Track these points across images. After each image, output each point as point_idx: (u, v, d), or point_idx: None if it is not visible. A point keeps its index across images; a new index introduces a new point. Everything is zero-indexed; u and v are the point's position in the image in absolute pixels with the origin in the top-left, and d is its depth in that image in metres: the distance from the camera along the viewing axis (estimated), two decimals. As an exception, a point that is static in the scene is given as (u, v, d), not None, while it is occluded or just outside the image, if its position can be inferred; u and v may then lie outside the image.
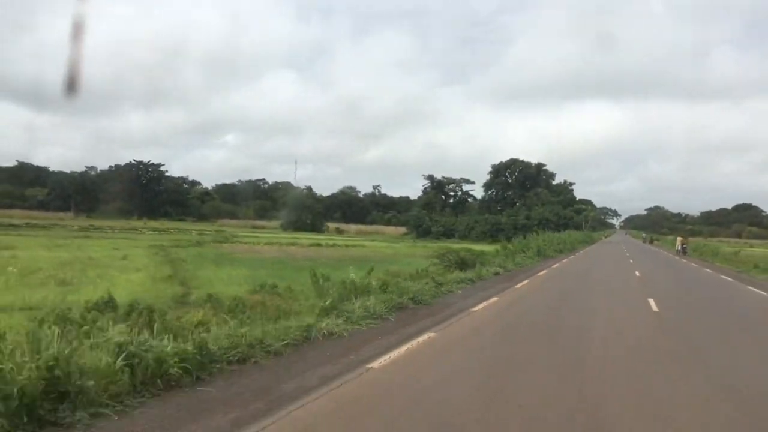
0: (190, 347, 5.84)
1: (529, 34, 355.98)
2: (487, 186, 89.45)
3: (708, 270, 29.21)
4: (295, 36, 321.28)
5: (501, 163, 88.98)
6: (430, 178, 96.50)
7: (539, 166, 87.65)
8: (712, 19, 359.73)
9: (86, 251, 25.45)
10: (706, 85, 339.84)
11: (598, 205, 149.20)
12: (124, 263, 21.35)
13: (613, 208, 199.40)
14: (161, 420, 4.63)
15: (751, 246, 62.05)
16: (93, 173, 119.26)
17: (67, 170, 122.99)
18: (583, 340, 8.81)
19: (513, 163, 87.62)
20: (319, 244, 40.82)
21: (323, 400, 5.23)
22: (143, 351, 5.30)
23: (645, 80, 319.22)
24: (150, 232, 52.26)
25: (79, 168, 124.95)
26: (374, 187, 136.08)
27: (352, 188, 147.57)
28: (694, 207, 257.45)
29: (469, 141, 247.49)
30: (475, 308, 11.80)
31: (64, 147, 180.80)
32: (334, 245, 40.99)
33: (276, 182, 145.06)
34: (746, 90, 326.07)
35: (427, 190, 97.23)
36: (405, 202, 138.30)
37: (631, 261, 33.04)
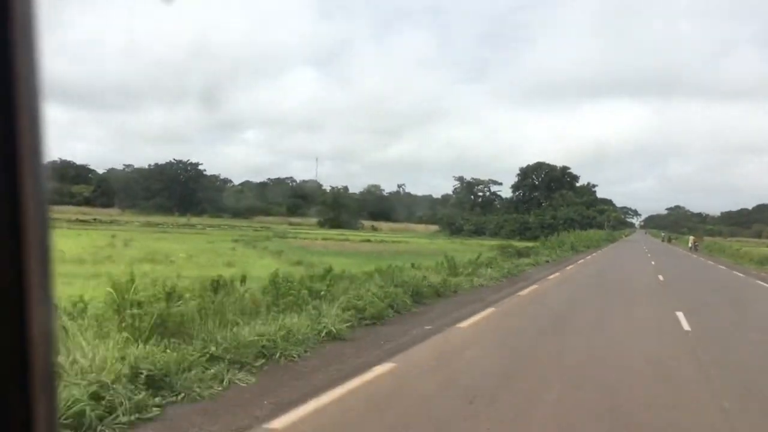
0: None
1: (550, 33, 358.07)
2: (515, 187, 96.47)
3: (710, 262, 36.28)
4: (317, 34, 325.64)
5: (528, 166, 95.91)
6: (461, 179, 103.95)
7: (564, 169, 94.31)
8: (734, 19, 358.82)
9: (191, 243, 31.18)
10: (727, 84, 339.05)
11: (618, 205, 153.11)
12: (240, 252, 26.76)
13: (633, 208, 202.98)
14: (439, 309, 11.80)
15: (768, 245, 67.60)
16: (129, 170, 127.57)
17: (97, 167, 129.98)
18: (620, 281, 15.94)
19: (539, 166, 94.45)
20: (369, 240, 46.77)
21: (497, 307, 12.37)
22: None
23: (666, 79, 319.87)
24: (209, 228, 56.80)
25: (116, 165, 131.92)
26: (399, 186, 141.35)
27: (376, 186, 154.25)
28: (714, 207, 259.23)
29: (489, 139, 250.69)
30: (549, 278, 18.98)
31: (87, 142, 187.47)
32: (382, 241, 46.73)
33: (303, 180, 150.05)
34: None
35: (457, 190, 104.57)
36: (428, 200, 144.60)
37: (649, 255, 39.76)
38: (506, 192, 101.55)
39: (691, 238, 53.06)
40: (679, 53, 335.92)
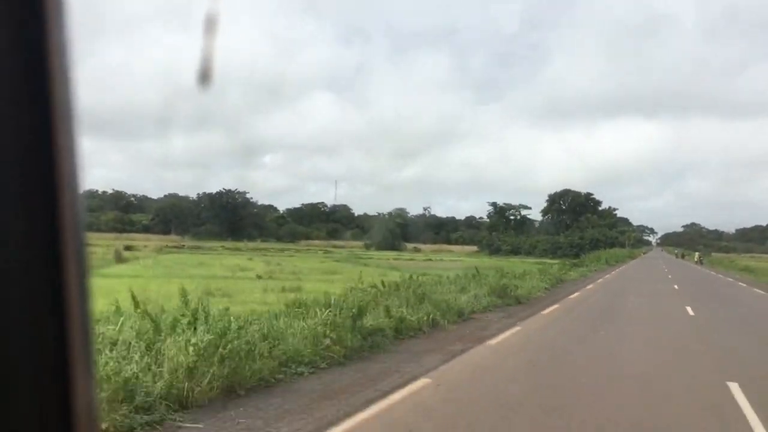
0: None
1: (564, 53, 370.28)
2: (545, 212, 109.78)
3: (710, 271, 49.19)
4: (334, 59, 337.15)
5: (555, 192, 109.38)
6: (494, 204, 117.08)
7: (587, 195, 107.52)
8: (748, 37, 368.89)
9: (309, 262, 41.99)
10: (742, 101, 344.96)
11: (635, 223, 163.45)
12: (360, 269, 39.17)
13: (649, 226, 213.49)
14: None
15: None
16: (178, 199, 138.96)
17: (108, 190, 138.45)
18: (645, 280, 29.13)
19: (566, 192, 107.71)
20: (430, 259, 58.79)
21: (593, 285, 25.75)
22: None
23: (681, 97, 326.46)
24: (284, 252, 67.03)
25: (142, 191, 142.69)
26: (424, 209, 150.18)
27: (402, 209, 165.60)
28: (731, 223, 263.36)
29: (506, 158, 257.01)
30: (603, 278, 32.17)
31: (107, 169, 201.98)
32: (440, 260, 58.36)
33: (334, 205, 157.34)
34: None
35: (491, 214, 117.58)
36: (452, 222, 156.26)
37: (664, 267, 52.59)
38: (534, 215, 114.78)
39: (697, 254, 66.88)
40: (694, 71, 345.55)
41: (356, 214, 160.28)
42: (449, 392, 6.76)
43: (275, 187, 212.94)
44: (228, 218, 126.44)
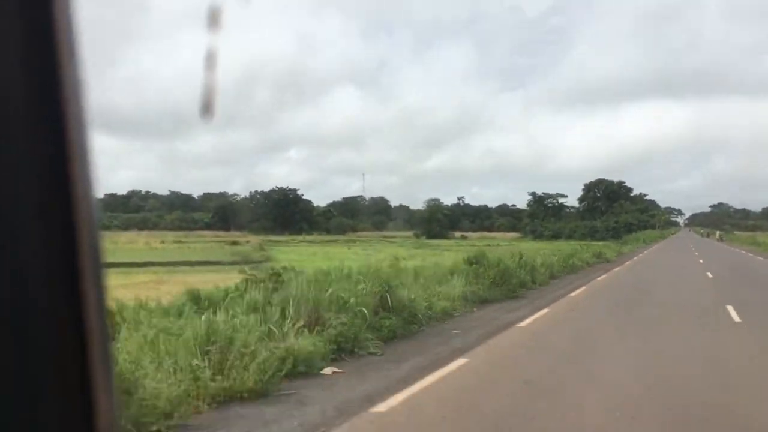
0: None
1: (589, 37, 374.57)
2: (581, 200, 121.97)
3: (727, 246, 61.59)
4: (358, 54, 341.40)
5: (591, 182, 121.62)
6: (533, 194, 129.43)
7: (620, 183, 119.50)
8: None
9: (385, 251, 56.55)
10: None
11: (662, 205, 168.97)
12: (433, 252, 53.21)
13: (677, 208, 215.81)
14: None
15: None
16: (235, 198, 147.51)
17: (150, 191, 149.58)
18: (677, 251, 41.88)
19: (600, 182, 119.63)
20: (488, 245, 70.74)
21: (646, 254, 38.87)
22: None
23: (707, 77, 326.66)
24: (347, 243, 77.00)
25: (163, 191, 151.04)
26: (458, 198, 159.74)
27: (436, 200, 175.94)
28: (757, 202, 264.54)
29: (531, 145, 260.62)
30: (645, 252, 45.04)
31: (138, 170, 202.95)
32: (497, 245, 70.08)
33: (373, 198, 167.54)
34: None
35: (531, 203, 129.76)
36: (485, 210, 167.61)
37: (690, 245, 64.82)
38: (571, 202, 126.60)
39: (718, 232, 79.77)
40: (719, 51, 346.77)
41: (393, 206, 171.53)
42: (594, 290, 20.00)
43: (300, 181, 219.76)
44: (281, 214, 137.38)
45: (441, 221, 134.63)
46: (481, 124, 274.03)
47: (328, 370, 6.59)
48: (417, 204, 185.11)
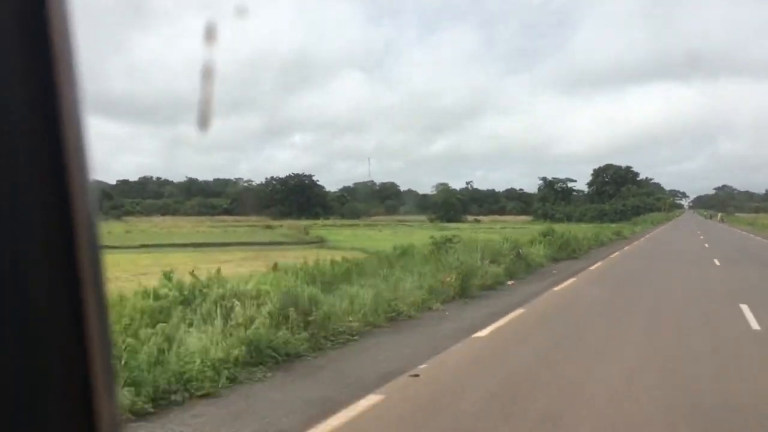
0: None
1: (594, 19, 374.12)
2: (590, 184, 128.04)
3: (725, 226, 67.97)
4: (365, 38, 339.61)
5: (599, 167, 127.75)
6: (543, 179, 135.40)
7: (627, 168, 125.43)
8: None
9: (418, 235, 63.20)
10: None
11: (667, 187, 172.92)
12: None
13: (681, 191, 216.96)
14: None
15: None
16: (251, 184, 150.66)
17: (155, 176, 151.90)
18: (683, 229, 48.12)
19: (608, 167, 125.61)
20: (505, 227, 77.76)
21: (661, 230, 45.18)
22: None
23: (712, 60, 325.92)
24: (373, 227, 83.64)
25: (173, 176, 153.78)
26: (467, 183, 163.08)
27: (445, 184, 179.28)
28: (761, 184, 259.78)
29: (537, 128, 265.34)
30: (655, 231, 51.47)
31: (140, 155, 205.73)
32: (513, 228, 76.98)
33: (383, 183, 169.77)
34: None
35: (541, 187, 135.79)
36: (492, 194, 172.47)
37: (694, 226, 71.06)
38: (579, 186, 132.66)
39: (720, 214, 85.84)
40: (724, 34, 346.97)
41: (402, 190, 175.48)
42: (624, 254, 26.27)
43: (304, 165, 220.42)
44: (297, 199, 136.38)
45: (455, 206, 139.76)
46: (485, 107, 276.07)
47: (510, 282, 12.99)
48: (423, 188, 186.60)
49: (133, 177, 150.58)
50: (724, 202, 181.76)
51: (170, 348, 5.60)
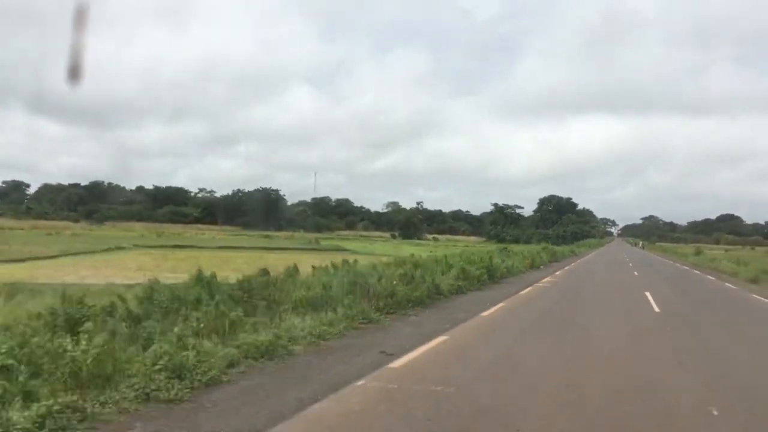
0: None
1: (536, 54, 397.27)
2: (536, 211, 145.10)
3: (646, 252, 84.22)
4: (316, 55, 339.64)
5: (544, 197, 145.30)
6: (495, 204, 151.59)
7: (568, 200, 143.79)
8: (709, 41, 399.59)
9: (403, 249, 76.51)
10: (700, 100, 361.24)
11: (598, 214, 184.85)
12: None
13: (611, 218, 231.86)
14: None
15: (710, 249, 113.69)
16: (214, 196, 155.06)
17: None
18: (612, 254, 63.22)
19: (551, 197, 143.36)
20: (467, 246, 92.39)
21: (593, 255, 59.90)
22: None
23: (645, 96, 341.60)
24: (346, 241, 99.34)
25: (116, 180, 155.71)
26: (417, 203, 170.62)
27: (396, 203, 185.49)
28: (686, 216, 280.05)
29: (478, 150, 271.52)
30: (594, 251, 66.62)
31: (76, 157, 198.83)
32: (473, 246, 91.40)
33: (338, 199, 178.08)
34: (741, 106, 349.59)
35: (493, 212, 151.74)
36: (439, 214, 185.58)
37: (621, 251, 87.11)
38: (526, 212, 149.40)
39: (641, 242, 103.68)
40: (658, 72, 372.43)
41: (355, 206, 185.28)
42: (582, 262, 39.92)
43: (248, 175, 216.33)
44: (263, 212, 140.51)
45: (416, 224, 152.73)
46: (430, 127, 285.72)
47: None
48: (370, 204, 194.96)
49: (78, 180, 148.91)
50: (649, 232, 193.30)
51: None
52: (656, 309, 15.22)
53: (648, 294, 19.00)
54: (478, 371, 7.44)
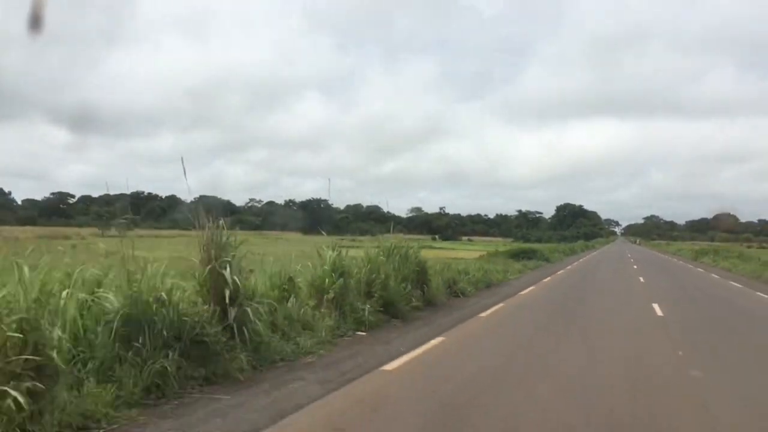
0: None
1: (542, 60, 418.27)
2: (554, 217, 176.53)
3: (641, 246, 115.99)
4: (329, 65, 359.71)
5: (560, 205, 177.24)
6: (519, 210, 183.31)
7: (581, 207, 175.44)
8: (710, 47, 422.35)
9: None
10: (702, 104, 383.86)
11: (602, 215, 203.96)
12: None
13: (615, 219, 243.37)
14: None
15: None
16: (261, 205, 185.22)
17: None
18: (617, 250, 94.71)
19: (567, 205, 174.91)
20: (504, 245, 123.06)
21: (608, 248, 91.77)
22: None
23: (648, 100, 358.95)
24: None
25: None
26: (440, 208, 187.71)
27: (419, 209, 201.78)
28: (686, 215, 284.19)
29: (485, 154, 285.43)
30: (606, 246, 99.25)
31: (89, 165, 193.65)
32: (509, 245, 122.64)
33: (370, 204, 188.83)
34: (739, 108, 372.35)
35: (518, 216, 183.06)
36: (458, 217, 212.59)
37: (624, 247, 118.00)
38: (546, 215, 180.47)
39: (638, 239, 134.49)
40: (661, 77, 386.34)
41: (385, 211, 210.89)
42: (600, 253, 71.40)
43: (257, 181, 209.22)
44: (313, 218, 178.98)
45: (453, 227, 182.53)
46: (437, 133, 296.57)
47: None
48: (394, 210, 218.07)
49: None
50: (650, 231, 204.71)
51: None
52: (635, 267, 46.30)
53: (631, 258, 50.38)
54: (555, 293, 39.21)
